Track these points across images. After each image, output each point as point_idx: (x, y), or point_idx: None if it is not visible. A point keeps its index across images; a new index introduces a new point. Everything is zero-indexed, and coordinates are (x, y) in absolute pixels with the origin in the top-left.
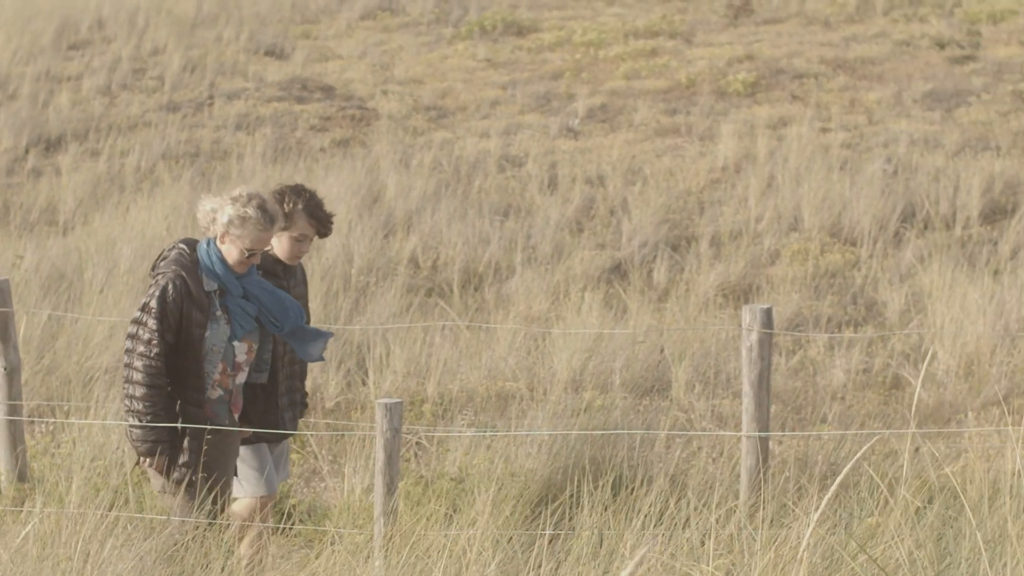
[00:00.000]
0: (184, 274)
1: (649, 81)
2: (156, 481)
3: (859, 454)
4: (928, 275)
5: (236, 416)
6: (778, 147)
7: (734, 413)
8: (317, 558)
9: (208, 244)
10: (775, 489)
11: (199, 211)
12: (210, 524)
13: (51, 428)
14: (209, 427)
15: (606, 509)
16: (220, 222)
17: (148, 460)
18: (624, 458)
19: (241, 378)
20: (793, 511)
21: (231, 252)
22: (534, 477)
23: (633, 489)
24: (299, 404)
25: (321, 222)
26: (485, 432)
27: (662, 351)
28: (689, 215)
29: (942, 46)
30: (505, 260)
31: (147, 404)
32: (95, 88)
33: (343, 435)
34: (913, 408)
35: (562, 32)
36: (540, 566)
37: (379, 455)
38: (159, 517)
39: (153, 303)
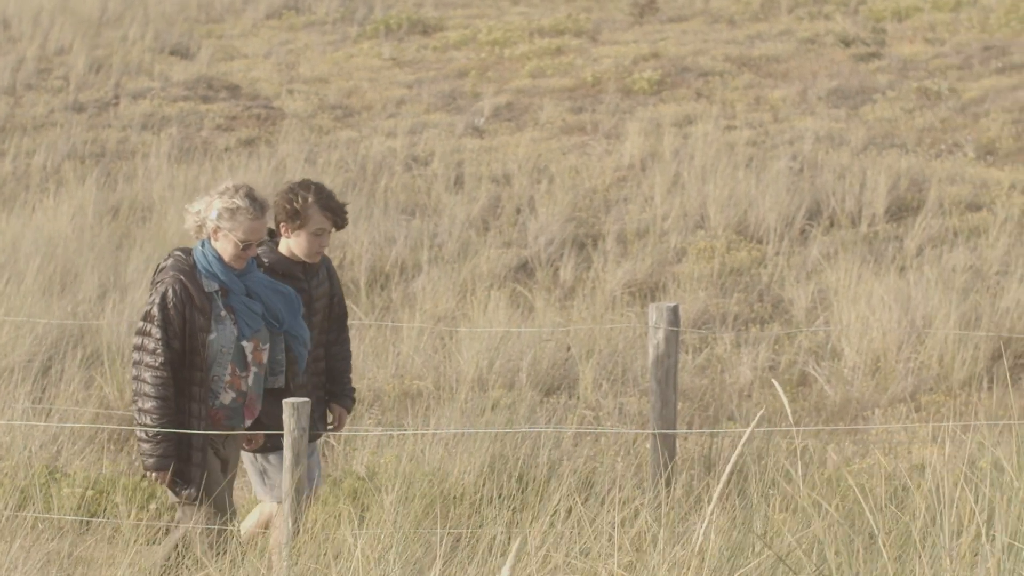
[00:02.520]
0: (183, 278)
1: (555, 79)
2: (170, 493)
3: (740, 444)
4: (834, 272)
5: (249, 421)
6: (684, 145)
7: (641, 411)
8: (225, 559)
9: (203, 245)
10: (681, 487)
11: (186, 220)
12: (219, 534)
13: None
14: (216, 434)
15: (513, 507)
16: (210, 219)
17: (156, 475)
18: (531, 456)
19: (252, 379)
20: (699, 509)
21: (226, 248)
22: (441, 476)
23: (540, 487)
24: (324, 403)
25: (336, 212)
26: (393, 431)
27: (568, 349)
28: (595, 213)
29: (847, 44)
30: (411, 259)
31: (155, 417)
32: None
33: (254, 434)
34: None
35: (468, 31)
36: (446, 564)
37: (287, 455)
38: (67, 517)
39: (155, 310)
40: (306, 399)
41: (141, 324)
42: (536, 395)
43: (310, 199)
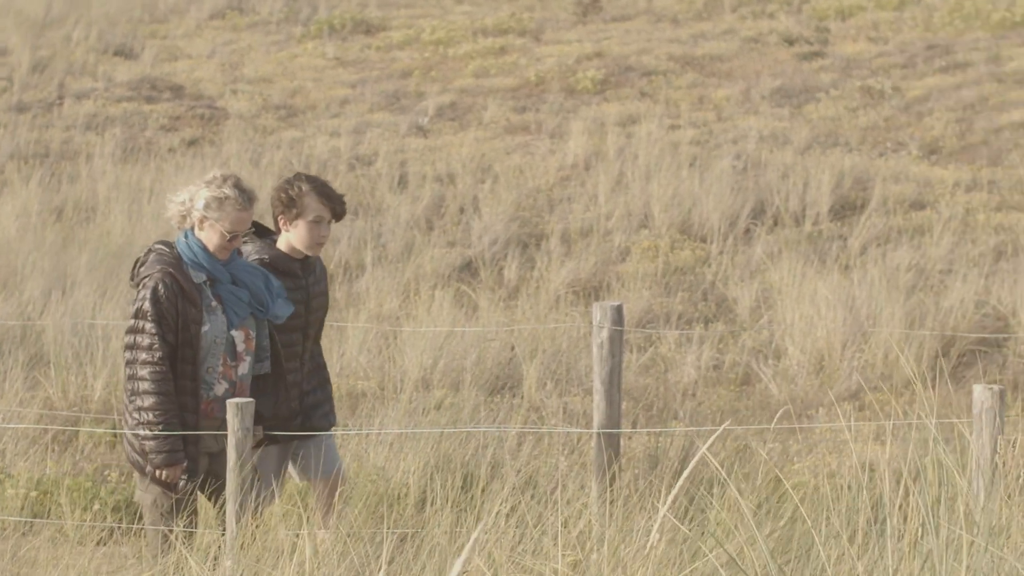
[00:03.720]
0: (171, 270)
1: (498, 79)
2: (148, 496)
3: (706, 446)
4: (778, 271)
5: None
6: (627, 144)
7: (585, 410)
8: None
9: (186, 236)
10: (626, 486)
11: (169, 209)
12: (190, 534)
13: None
14: (217, 434)
15: (456, 507)
16: (196, 208)
17: (164, 472)
18: (475, 456)
19: (243, 368)
20: (643, 507)
21: (211, 238)
22: (385, 476)
23: (484, 487)
24: (329, 399)
25: (332, 199)
26: (336, 432)
27: (513, 349)
28: (539, 213)
29: (790, 43)
30: (355, 259)
31: (158, 413)
32: None
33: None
34: (763, 404)
35: (411, 31)
36: (389, 564)
37: (231, 455)
38: (11, 518)
39: (147, 306)
40: (250, 400)
41: (133, 322)
42: (480, 395)
43: (305, 187)
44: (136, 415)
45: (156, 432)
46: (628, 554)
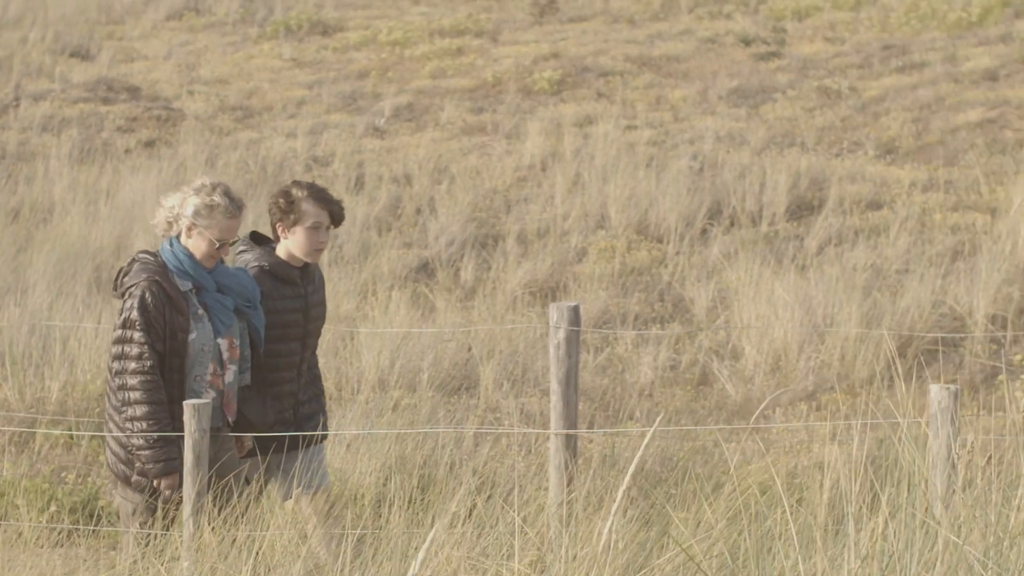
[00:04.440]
0: (158, 279)
1: (455, 80)
2: (128, 504)
3: (643, 444)
4: (735, 271)
5: (230, 419)
6: (584, 145)
7: (542, 411)
8: (125, 560)
9: (171, 244)
10: (583, 486)
11: (157, 216)
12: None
13: None
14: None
15: (414, 508)
16: (185, 215)
17: (165, 481)
18: (432, 457)
19: (229, 376)
20: (601, 508)
21: (199, 245)
22: (342, 477)
23: (441, 488)
24: (323, 408)
25: (330, 204)
26: (293, 433)
27: (469, 349)
28: (496, 213)
29: (747, 43)
30: None
31: (152, 423)
32: None
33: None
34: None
35: (368, 31)
36: (347, 564)
37: (188, 456)
38: None
39: (134, 315)
40: (207, 400)
41: (120, 332)
42: (437, 396)
43: (303, 193)
44: (129, 425)
45: (151, 441)
46: (586, 555)
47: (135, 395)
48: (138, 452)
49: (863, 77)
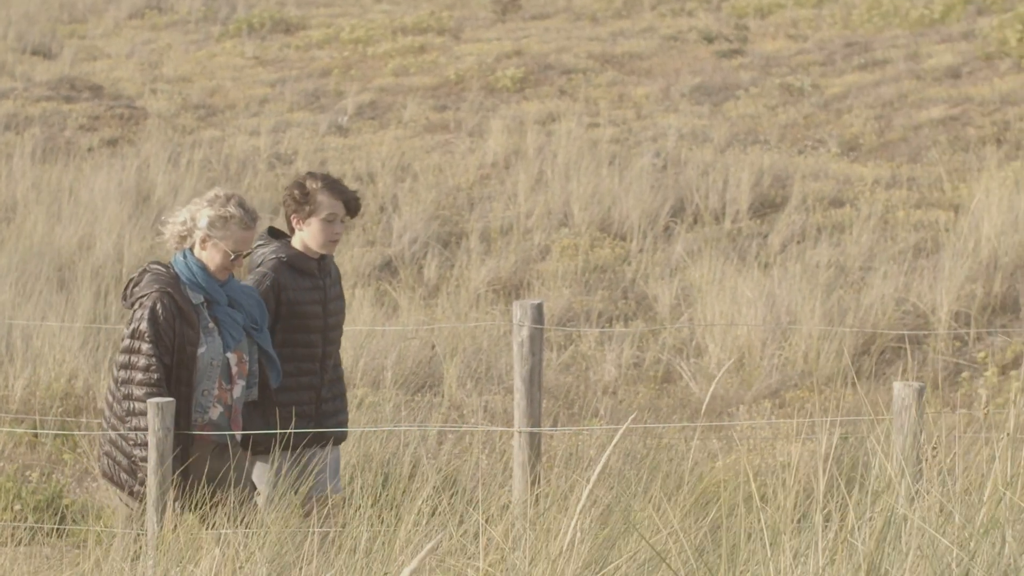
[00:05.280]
0: (170, 290)
1: (418, 78)
2: (127, 509)
3: (614, 441)
4: (698, 269)
5: (237, 435)
6: (547, 142)
7: (506, 409)
8: (89, 559)
9: (185, 255)
10: (548, 484)
11: (168, 228)
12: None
13: None
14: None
15: (378, 506)
16: (199, 227)
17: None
18: (396, 455)
19: (237, 391)
20: (565, 506)
21: (214, 257)
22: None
23: (405, 486)
24: (345, 409)
25: (345, 194)
26: (257, 432)
27: (433, 348)
28: (459, 211)
29: (710, 40)
30: None
31: None
32: None
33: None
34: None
35: (330, 29)
36: (311, 563)
37: (151, 454)
38: None
39: (143, 326)
40: (170, 399)
41: (128, 342)
42: (401, 394)
43: (318, 184)
44: (133, 435)
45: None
46: (550, 553)
47: (140, 406)
48: (140, 463)
49: (826, 74)
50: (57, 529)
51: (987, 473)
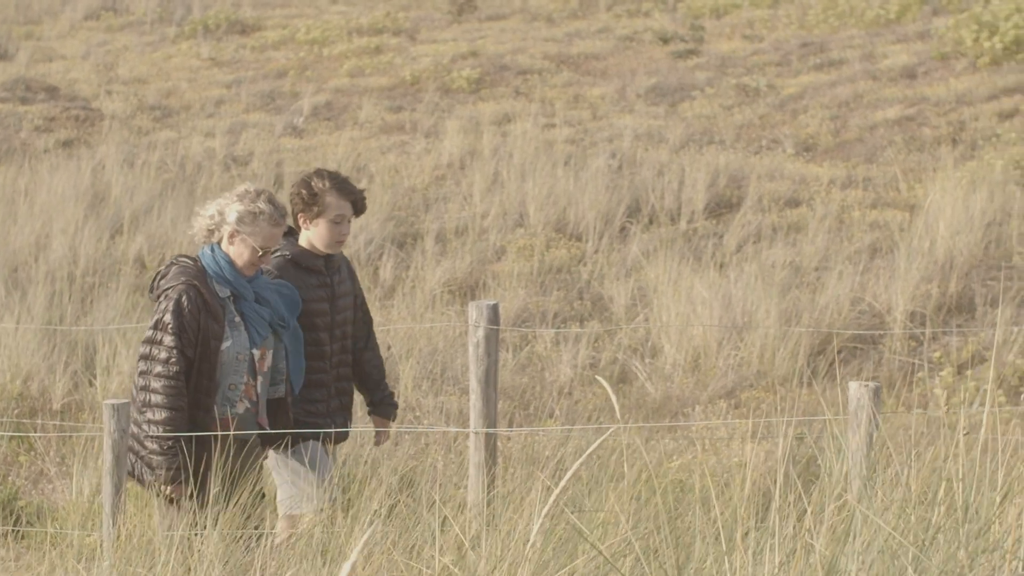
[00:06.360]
0: (196, 283)
1: (374, 78)
2: (161, 508)
3: (591, 448)
4: (654, 269)
5: (266, 428)
6: (503, 143)
7: (462, 409)
8: (44, 561)
9: (212, 250)
10: (504, 485)
11: (197, 222)
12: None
13: None
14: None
15: (334, 506)
16: (228, 222)
17: (172, 488)
18: (352, 455)
19: (261, 387)
20: (521, 507)
21: (242, 253)
22: (262, 476)
23: (361, 487)
24: (349, 408)
25: (353, 194)
26: (215, 433)
27: (389, 348)
28: (415, 212)
29: (665, 41)
30: None
31: (169, 428)
32: None
33: (71, 436)
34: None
35: (286, 30)
36: (267, 563)
37: (107, 456)
38: None
39: (167, 318)
40: (126, 400)
41: (151, 332)
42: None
43: (326, 184)
44: (146, 427)
45: (165, 447)
46: (506, 554)
47: (156, 398)
48: (151, 455)
49: (781, 75)
50: (13, 531)
51: (942, 472)
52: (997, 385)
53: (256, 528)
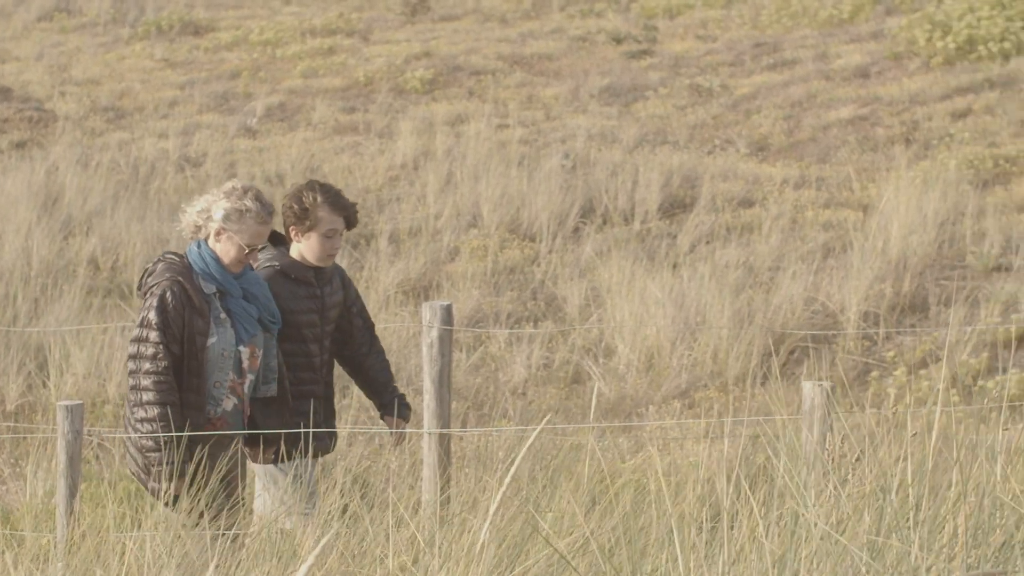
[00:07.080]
0: (180, 279)
1: (327, 79)
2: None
3: (528, 444)
4: (607, 270)
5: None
6: (456, 144)
7: (415, 410)
8: None
9: (199, 246)
10: (458, 485)
11: (185, 218)
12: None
13: None
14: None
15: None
16: (214, 219)
17: (168, 485)
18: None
19: (248, 385)
20: (475, 508)
21: (228, 250)
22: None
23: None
24: (333, 415)
25: (346, 209)
26: (169, 434)
27: None
28: (368, 213)
29: (619, 41)
30: None
31: (163, 425)
32: None
33: (24, 438)
34: (594, 403)
35: (239, 31)
36: (221, 564)
37: (61, 457)
38: None
39: (152, 315)
40: (79, 402)
41: (138, 331)
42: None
43: (319, 199)
44: (139, 426)
45: (161, 444)
46: (459, 555)
47: (147, 396)
48: (148, 453)
49: (734, 75)
50: None
51: (894, 473)
52: (951, 384)
53: (229, 530)
